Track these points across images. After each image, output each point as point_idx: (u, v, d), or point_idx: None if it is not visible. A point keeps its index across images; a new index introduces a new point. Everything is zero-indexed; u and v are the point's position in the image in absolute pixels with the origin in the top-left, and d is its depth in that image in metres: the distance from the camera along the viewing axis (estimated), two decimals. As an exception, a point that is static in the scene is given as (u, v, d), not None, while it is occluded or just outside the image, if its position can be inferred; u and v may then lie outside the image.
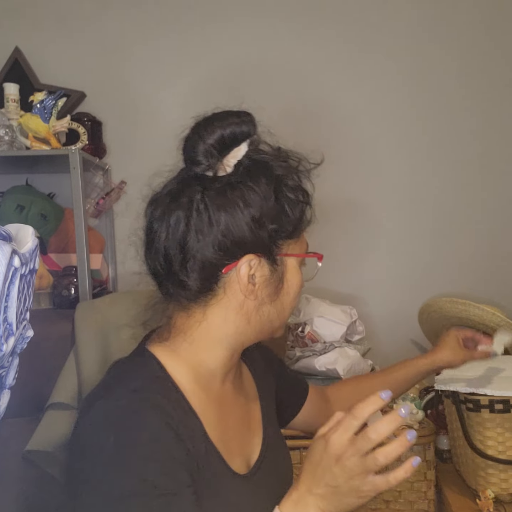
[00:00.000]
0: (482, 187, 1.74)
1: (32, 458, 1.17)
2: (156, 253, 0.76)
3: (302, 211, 0.76)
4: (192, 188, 0.73)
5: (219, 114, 0.74)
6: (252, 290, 0.73)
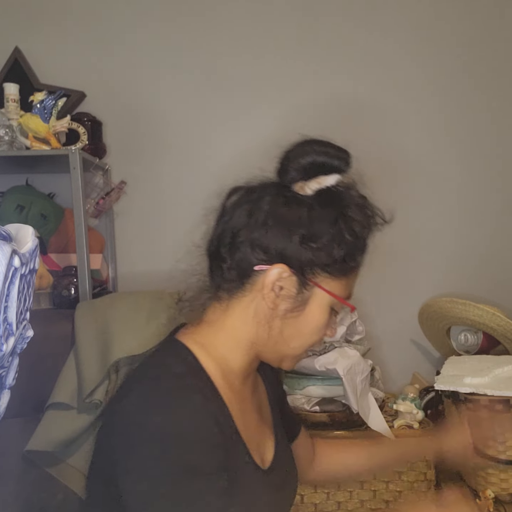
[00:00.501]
0: (486, 188, 1.74)
1: (32, 458, 1.17)
2: (215, 231, 0.81)
3: (352, 256, 0.77)
4: (266, 190, 0.78)
5: (321, 141, 0.78)
6: (272, 297, 0.76)
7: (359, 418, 1.22)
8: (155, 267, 1.73)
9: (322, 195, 0.76)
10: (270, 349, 0.80)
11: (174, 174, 1.73)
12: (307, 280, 0.75)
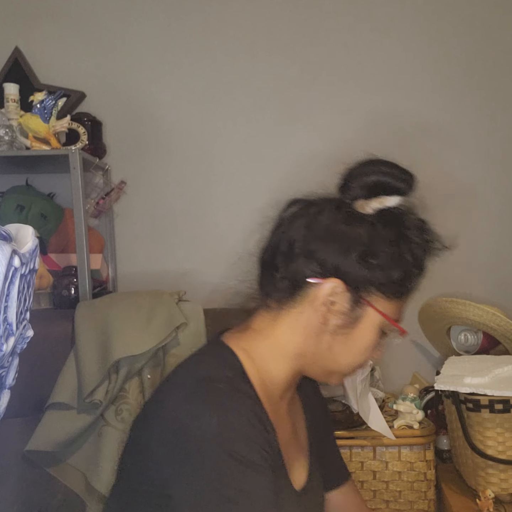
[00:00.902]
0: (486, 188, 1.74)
1: (32, 458, 1.17)
2: (271, 240, 0.81)
3: (408, 276, 0.77)
4: (327, 204, 0.78)
5: (387, 162, 0.78)
6: (323, 312, 0.75)
7: (359, 418, 1.22)
8: (155, 267, 1.74)
9: (383, 215, 0.76)
10: (317, 364, 0.80)
11: (174, 174, 1.73)
12: (361, 298, 0.75)
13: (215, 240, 1.74)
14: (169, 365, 1.24)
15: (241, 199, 1.73)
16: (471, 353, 1.49)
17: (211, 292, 1.69)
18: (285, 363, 0.79)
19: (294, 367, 0.80)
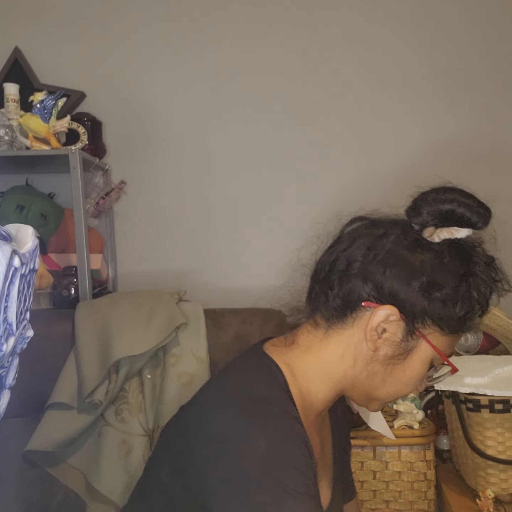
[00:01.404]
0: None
1: (32, 458, 1.17)
2: (329, 256, 0.77)
3: (471, 314, 0.73)
4: (394, 227, 0.75)
5: (465, 192, 0.73)
6: (374, 339, 0.73)
7: (359, 418, 1.22)
8: (155, 267, 1.74)
9: (451, 245, 0.72)
10: (360, 390, 0.77)
11: (174, 174, 1.73)
12: (415, 329, 0.72)
13: (215, 240, 1.74)
14: (169, 365, 1.24)
15: (241, 199, 1.73)
16: (471, 353, 1.49)
17: (212, 292, 1.69)
18: (327, 385, 0.77)
19: (335, 390, 0.78)
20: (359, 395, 0.79)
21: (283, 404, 0.70)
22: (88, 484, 1.18)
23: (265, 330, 1.31)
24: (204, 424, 0.68)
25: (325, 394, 0.77)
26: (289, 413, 0.69)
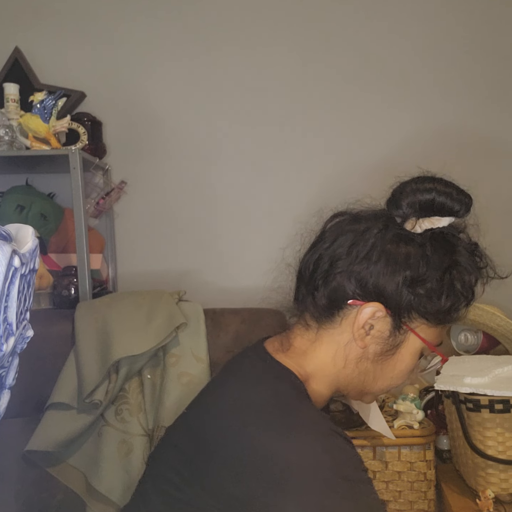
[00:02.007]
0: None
1: (32, 458, 1.17)
2: (312, 255, 0.77)
3: (456, 305, 0.73)
4: (375, 221, 0.74)
5: (444, 181, 0.73)
6: (362, 336, 0.72)
7: (359, 418, 1.22)
8: (155, 267, 1.74)
9: (434, 236, 0.72)
10: (354, 386, 0.78)
11: (174, 174, 1.73)
12: (402, 324, 0.72)
13: (215, 240, 1.74)
14: (169, 365, 1.24)
15: (241, 199, 1.73)
16: (471, 353, 1.49)
17: (212, 292, 1.69)
18: (325, 385, 0.77)
19: (331, 390, 0.78)
20: (352, 392, 0.80)
21: (314, 409, 0.70)
22: (88, 484, 1.18)
23: (265, 330, 1.31)
24: (248, 448, 0.64)
25: (323, 394, 0.78)
26: (324, 416, 0.69)
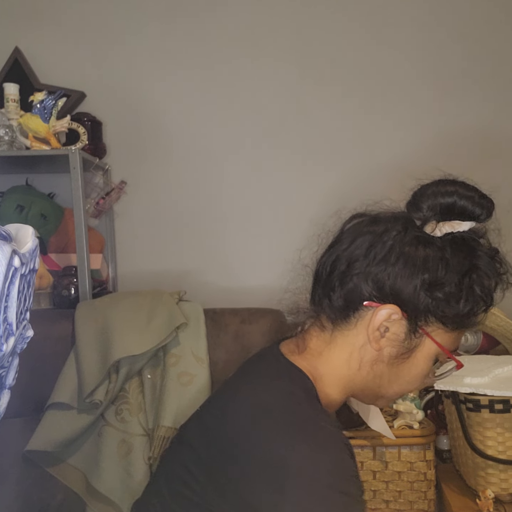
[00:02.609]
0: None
1: (32, 458, 1.17)
2: (329, 256, 0.76)
3: (475, 310, 0.72)
4: (394, 223, 0.73)
5: (466, 184, 0.72)
6: (377, 339, 0.72)
7: (359, 418, 1.22)
8: (155, 267, 1.74)
9: (454, 240, 0.71)
10: (368, 390, 0.77)
11: (174, 174, 1.73)
12: (419, 327, 0.71)
13: (215, 240, 1.74)
14: (169, 365, 1.24)
15: (241, 199, 1.73)
16: (471, 353, 1.49)
17: (212, 292, 1.69)
18: (339, 389, 0.76)
19: (346, 394, 0.77)
20: (366, 396, 0.79)
21: (326, 416, 0.69)
22: (88, 484, 1.18)
23: (265, 330, 1.31)
24: (257, 449, 0.65)
25: (339, 398, 0.77)
26: (332, 424, 0.68)
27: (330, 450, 0.64)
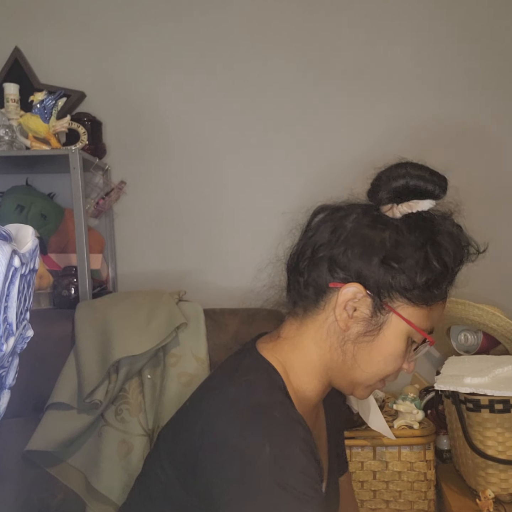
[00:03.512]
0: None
1: (32, 458, 1.17)
2: (298, 245, 0.80)
3: (435, 282, 0.74)
4: (353, 208, 0.77)
5: (416, 164, 0.75)
6: (344, 318, 0.73)
7: (359, 418, 1.22)
8: (155, 267, 1.74)
9: (412, 219, 0.74)
10: (343, 375, 0.77)
11: (174, 174, 1.73)
12: (383, 303, 0.73)
13: (215, 240, 1.74)
14: (169, 365, 1.24)
15: (242, 199, 1.73)
16: (471, 353, 1.49)
17: (212, 292, 1.69)
18: (315, 377, 0.77)
19: (323, 382, 0.78)
20: (344, 382, 0.79)
21: (285, 408, 0.70)
22: (88, 484, 1.18)
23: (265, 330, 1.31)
24: (209, 432, 0.68)
25: (314, 387, 0.78)
26: (291, 416, 0.69)
27: (276, 442, 0.64)
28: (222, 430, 0.67)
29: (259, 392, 0.71)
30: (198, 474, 0.68)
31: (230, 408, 0.69)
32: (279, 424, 0.67)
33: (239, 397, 0.70)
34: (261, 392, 0.71)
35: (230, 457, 0.64)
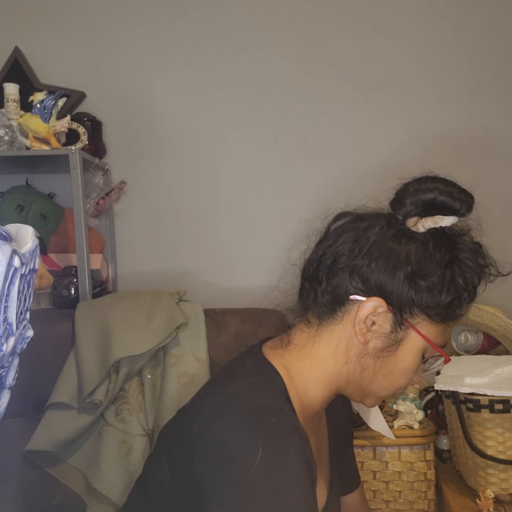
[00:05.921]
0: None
1: (32, 458, 1.17)
2: (316, 252, 0.78)
3: (458, 302, 0.73)
4: (376, 219, 0.75)
5: (445, 180, 0.74)
6: (363, 332, 0.73)
7: (359, 418, 1.22)
8: (155, 267, 1.74)
9: (436, 234, 0.73)
10: (355, 385, 0.77)
11: (174, 174, 1.73)
12: (404, 320, 0.72)
13: (215, 240, 1.74)
14: (169, 365, 1.24)
15: (241, 199, 1.73)
16: (471, 353, 1.49)
17: (212, 292, 1.69)
18: (323, 384, 0.77)
19: (331, 389, 0.78)
20: (354, 392, 0.79)
21: (283, 413, 0.69)
22: (88, 484, 1.18)
23: (265, 330, 1.31)
24: (205, 432, 0.67)
25: (322, 394, 0.77)
26: (288, 422, 0.68)
27: (270, 447, 0.64)
28: (218, 431, 0.66)
29: (259, 396, 0.70)
30: (192, 474, 0.67)
31: (228, 409, 0.68)
32: (275, 429, 0.66)
33: (238, 399, 0.70)
34: (261, 395, 0.71)
35: (222, 458, 0.64)
